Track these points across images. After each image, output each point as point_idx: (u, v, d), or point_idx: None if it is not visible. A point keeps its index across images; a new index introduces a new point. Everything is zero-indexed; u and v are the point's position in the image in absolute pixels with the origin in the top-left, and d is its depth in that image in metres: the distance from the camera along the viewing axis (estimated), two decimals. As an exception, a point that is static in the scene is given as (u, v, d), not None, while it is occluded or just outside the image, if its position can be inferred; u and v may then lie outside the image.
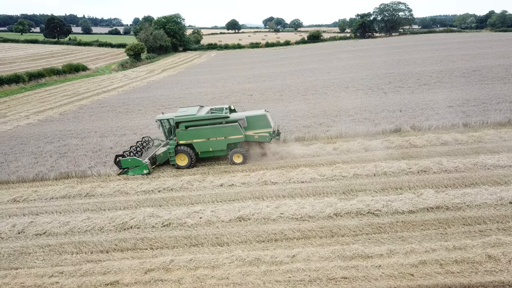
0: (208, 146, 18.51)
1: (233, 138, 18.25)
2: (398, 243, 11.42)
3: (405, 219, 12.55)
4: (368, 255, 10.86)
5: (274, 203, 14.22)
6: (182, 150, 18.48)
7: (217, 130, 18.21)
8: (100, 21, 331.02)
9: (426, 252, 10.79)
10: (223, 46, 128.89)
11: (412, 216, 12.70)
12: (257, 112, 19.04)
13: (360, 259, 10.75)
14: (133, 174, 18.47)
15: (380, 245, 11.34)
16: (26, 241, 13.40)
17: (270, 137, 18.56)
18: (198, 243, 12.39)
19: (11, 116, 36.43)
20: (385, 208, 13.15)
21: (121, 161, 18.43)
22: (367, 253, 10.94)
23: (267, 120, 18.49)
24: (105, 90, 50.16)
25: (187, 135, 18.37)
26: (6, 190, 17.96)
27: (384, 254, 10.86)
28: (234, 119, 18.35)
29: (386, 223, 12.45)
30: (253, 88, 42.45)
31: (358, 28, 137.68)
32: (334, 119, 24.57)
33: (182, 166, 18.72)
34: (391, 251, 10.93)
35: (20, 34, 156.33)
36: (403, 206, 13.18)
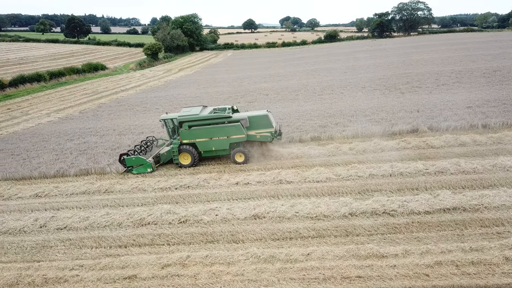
0: (210, 145, 18.83)
1: (235, 137, 18.54)
2: (413, 243, 11.39)
3: (421, 220, 12.49)
4: (383, 255, 10.86)
5: (289, 202, 14.32)
6: (185, 149, 18.81)
7: (219, 130, 18.51)
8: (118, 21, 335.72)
9: (442, 253, 10.73)
10: (239, 46, 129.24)
11: (428, 217, 12.63)
12: (259, 112, 19.31)
13: (375, 259, 10.77)
14: (137, 172, 18.83)
15: (395, 245, 11.32)
16: (47, 235, 13.81)
17: (272, 137, 18.81)
18: (214, 240, 12.58)
19: (33, 114, 37.39)
20: (401, 209, 13.11)
21: (125, 160, 18.78)
22: (382, 252, 10.94)
23: (268, 120, 18.73)
24: (123, 89, 50.96)
25: (190, 134, 18.71)
26: (29, 186, 18.50)
27: (399, 254, 10.85)
28: (236, 119, 18.61)
29: (402, 223, 12.42)
30: (269, 87, 42.55)
31: (376, 28, 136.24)
32: (350, 119, 24.50)
33: (185, 165, 19.05)
34: (406, 251, 10.91)
35: (42, 34, 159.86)
36: (419, 206, 13.11)
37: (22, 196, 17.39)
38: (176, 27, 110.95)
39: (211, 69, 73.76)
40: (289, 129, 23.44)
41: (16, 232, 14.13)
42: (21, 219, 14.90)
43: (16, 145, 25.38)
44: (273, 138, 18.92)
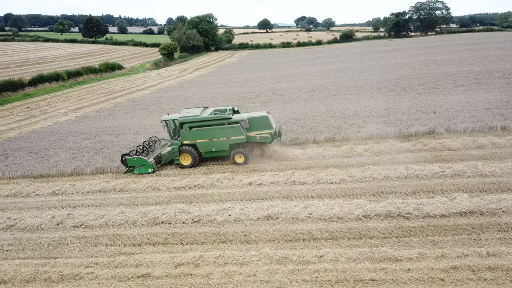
0: (211, 146, 18.97)
1: (235, 138, 18.66)
2: (428, 247, 11.22)
3: (436, 223, 12.30)
4: (397, 258, 10.73)
5: (302, 203, 14.27)
6: (186, 150, 18.99)
7: (219, 131, 18.67)
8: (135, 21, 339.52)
9: (458, 257, 10.55)
10: (254, 46, 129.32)
11: (444, 221, 12.43)
12: (259, 114, 19.43)
13: (389, 262, 10.65)
14: (138, 172, 19.04)
15: (410, 249, 11.18)
16: (64, 232, 14.06)
17: (272, 138, 18.86)
18: (227, 240, 12.62)
19: (51, 113, 38.10)
20: (416, 211, 12.93)
21: (127, 160, 19.01)
22: (396, 256, 10.81)
23: (268, 121, 18.82)
24: (139, 89, 51.53)
25: (191, 135, 18.86)
26: (47, 183, 18.86)
27: (414, 257, 10.70)
28: (236, 120, 18.70)
29: (417, 226, 12.25)
30: (283, 87, 42.47)
31: (393, 27, 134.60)
32: (365, 120, 24.27)
33: (186, 166, 19.21)
34: (421, 255, 10.76)
35: (60, 34, 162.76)
36: (435, 209, 12.91)
37: (40, 193, 17.73)
38: (192, 27, 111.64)
39: (226, 69, 73.99)
40: (303, 129, 23.36)
41: (34, 229, 14.41)
42: (39, 216, 15.19)
43: (35, 144, 25.90)
44: (273, 139, 18.97)
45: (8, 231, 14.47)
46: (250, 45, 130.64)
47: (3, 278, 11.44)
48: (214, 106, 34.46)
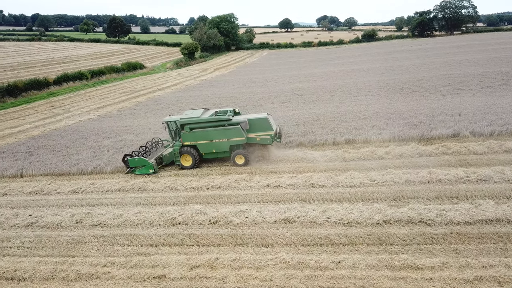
0: (211, 147, 19.07)
1: (235, 140, 18.73)
2: (451, 255, 10.80)
3: (460, 231, 11.84)
4: (418, 267, 10.37)
5: (320, 207, 14.00)
6: (187, 151, 19.11)
7: (220, 132, 18.75)
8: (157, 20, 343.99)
9: (482, 267, 10.10)
10: (275, 45, 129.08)
11: (468, 228, 11.96)
12: (259, 115, 19.55)
13: (410, 270, 10.29)
14: (139, 173, 19.15)
15: (432, 257, 10.78)
16: (83, 230, 14.21)
17: (272, 140, 18.84)
18: (243, 243, 12.48)
19: (74, 111, 38.85)
20: (439, 218, 12.49)
21: (128, 161, 19.15)
22: (417, 264, 10.45)
23: (268, 123, 18.87)
24: (160, 88, 52.04)
25: (191, 136, 18.98)
26: (67, 181, 19.16)
27: (435, 266, 10.32)
28: (236, 122, 18.78)
29: (439, 233, 11.82)
30: (303, 88, 42.12)
31: (417, 27, 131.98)
32: (387, 122, 23.73)
33: (187, 167, 19.36)
34: (443, 264, 10.36)
35: (85, 33, 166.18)
36: (458, 216, 12.44)
37: (60, 191, 18.02)
38: (213, 27, 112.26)
39: (246, 68, 74.03)
40: (323, 131, 23.03)
41: (54, 227, 14.62)
42: (59, 214, 15.41)
43: (57, 142, 26.41)
44: (273, 141, 18.96)
45: (29, 228, 14.73)
46: (270, 44, 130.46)
47: (22, 276, 11.62)
48: (233, 106, 34.42)
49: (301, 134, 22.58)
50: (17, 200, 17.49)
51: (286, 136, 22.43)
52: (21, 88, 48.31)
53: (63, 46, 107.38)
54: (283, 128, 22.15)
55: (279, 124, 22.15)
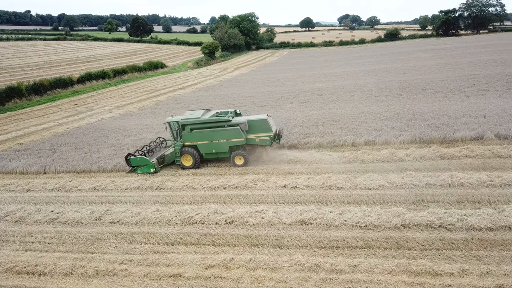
0: (211, 148, 19.32)
1: (235, 141, 18.94)
2: (472, 262, 10.50)
3: (482, 237, 11.49)
4: (437, 273, 10.12)
5: (338, 209, 13.84)
6: (187, 151, 19.37)
7: (219, 133, 19.01)
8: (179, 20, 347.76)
9: (505, 275, 9.78)
10: (295, 45, 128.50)
11: (490, 234, 11.59)
12: (259, 117, 19.81)
13: (428, 276, 10.06)
14: (141, 172, 19.48)
15: (451, 263, 10.51)
16: (102, 227, 14.46)
17: (271, 141, 18.99)
18: (259, 244, 12.44)
19: (96, 110, 39.64)
20: (460, 223, 12.15)
21: (130, 160, 19.48)
22: (436, 270, 10.20)
23: (267, 124, 19.00)
24: (181, 87, 52.54)
25: (192, 137, 19.24)
26: (88, 179, 19.55)
27: (455, 273, 10.04)
28: (236, 123, 18.97)
29: (460, 239, 11.50)
30: (323, 87, 41.77)
31: (441, 25, 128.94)
32: (408, 123, 23.27)
33: (187, 166, 19.60)
34: (463, 271, 10.07)
35: (109, 33, 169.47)
36: (480, 222, 12.07)
37: (81, 188, 18.40)
38: (234, 26, 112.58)
39: (266, 68, 73.97)
40: (342, 131, 22.77)
41: (74, 223, 14.94)
42: (79, 211, 15.74)
43: (80, 139, 26.99)
44: (272, 142, 19.11)
45: (50, 224, 15.09)
46: (291, 44, 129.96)
47: (43, 271, 11.91)
48: (252, 106, 34.51)
49: (320, 135, 22.38)
50: (40, 196, 17.95)
51: (304, 137, 22.31)
52: (46, 87, 49.62)
53: (87, 46, 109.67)
54: (283, 129, 22.17)
55: (279, 125, 22.09)
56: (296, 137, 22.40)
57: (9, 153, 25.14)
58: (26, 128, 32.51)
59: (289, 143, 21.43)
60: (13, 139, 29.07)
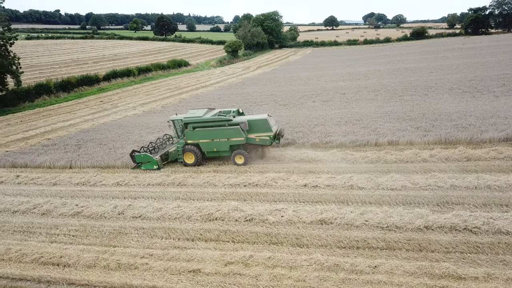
0: (212, 146, 19.61)
1: (235, 140, 19.17)
2: (498, 267, 10.18)
3: (509, 241, 11.12)
4: (461, 276, 9.86)
5: (359, 209, 13.66)
6: (189, 149, 19.70)
7: (220, 132, 19.26)
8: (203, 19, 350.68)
9: (533, 281, 9.44)
10: (319, 43, 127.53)
11: (518, 239, 11.21)
12: (259, 117, 19.93)
13: (451, 280, 9.81)
14: (145, 168, 19.98)
15: (476, 267, 10.22)
16: (124, 222, 14.74)
17: (271, 141, 19.18)
18: (278, 242, 12.42)
19: (121, 107, 40.41)
20: (486, 226, 11.79)
21: (135, 156, 20.01)
22: (459, 273, 9.94)
23: (268, 124, 19.16)
24: (203, 86, 52.93)
25: (194, 135, 19.55)
26: (112, 174, 19.95)
27: (480, 277, 9.76)
28: (236, 122, 19.14)
29: (485, 243, 11.16)
30: (346, 86, 41.28)
31: (470, 24, 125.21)
32: (433, 123, 22.72)
33: (189, 164, 19.93)
34: (488, 275, 9.79)
35: (134, 32, 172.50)
36: (508, 225, 11.68)
37: (105, 183, 18.79)
38: (257, 25, 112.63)
39: (288, 66, 73.69)
40: (365, 131, 22.45)
41: (98, 217, 15.28)
42: (103, 205, 16.09)
43: (105, 136, 27.57)
44: (272, 142, 19.27)
45: (75, 217, 15.49)
46: (314, 42, 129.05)
47: (67, 262, 12.24)
48: (273, 104, 34.47)
49: (342, 134, 22.13)
50: (65, 190, 18.44)
51: (326, 136, 22.11)
52: (73, 84, 50.99)
53: (113, 44, 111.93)
54: (285, 129, 22.23)
55: (280, 125, 22.18)
56: (317, 136, 22.22)
57: (38, 147, 25.94)
58: (53, 124, 33.47)
59: (311, 142, 21.28)
60: (41, 135, 29.98)
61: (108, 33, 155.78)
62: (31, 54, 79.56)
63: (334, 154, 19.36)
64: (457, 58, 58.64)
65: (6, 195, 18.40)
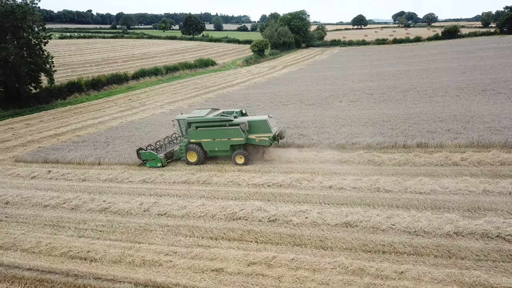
0: (214, 145, 20.03)
1: (235, 140, 19.50)
2: (533, 277, 9.70)
3: (545, 251, 10.60)
4: (493, 286, 9.48)
5: (385, 213, 13.35)
6: (192, 148, 20.18)
7: (221, 132, 19.61)
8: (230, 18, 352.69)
9: None
10: (346, 43, 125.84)
11: (556, 248, 10.66)
12: (259, 118, 20.23)
13: (482, 289, 9.43)
14: (149, 166, 20.59)
15: (509, 277, 9.79)
16: (149, 219, 14.94)
17: (270, 142, 19.39)
18: (302, 243, 12.29)
19: (148, 105, 41.10)
20: (520, 234, 11.28)
21: (140, 154, 20.63)
22: (491, 283, 9.55)
23: (267, 125, 19.38)
24: (229, 85, 53.17)
25: (197, 134, 19.96)
26: (139, 171, 20.28)
27: (513, 288, 9.34)
28: (236, 123, 19.46)
29: (520, 251, 10.67)
30: (374, 86, 40.53)
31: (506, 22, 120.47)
32: (465, 126, 21.95)
33: (192, 162, 20.46)
34: (523, 286, 9.34)
35: (163, 31, 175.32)
36: (544, 234, 11.14)
37: (132, 180, 19.13)
38: (284, 24, 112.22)
39: (315, 66, 73.08)
40: (393, 133, 21.93)
41: (124, 213, 15.56)
42: (129, 202, 16.37)
43: (132, 133, 28.09)
44: (271, 143, 19.51)
45: (103, 213, 15.83)
46: (342, 42, 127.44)
47: (94, 257, 12.51)
48: (299, 104, 34.24)
49: (369, 135, 21.71)
50: (94, 186, 18.89)
51: (352, 136, 21.75)
52: (103, 82, 52.29)
53: (142, 43, 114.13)
54: (285, 131, 22.22)
55: (281, 127, 22.19)
56: (344, 137, 21.88)
57: (68, 144, 26.70)
58: (84, 121, 34.40)
59: (337, 142, 20.98)
60: (72, 131, 30.86)
61: (137, 33, 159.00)
62: (64, 53, 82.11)
63: (360, 155, 19.02)
64: (492, 58, 56.56)
65: (38, 189, 19.01)
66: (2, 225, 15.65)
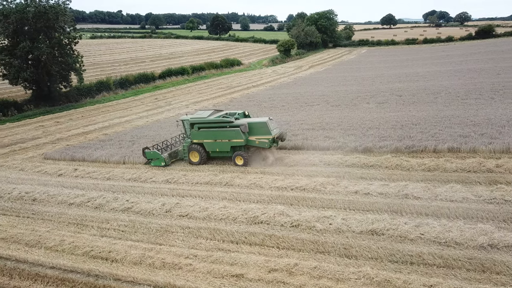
0: (215, 146, 20.34)
1: (235, 141, 19.74)
2: None
3: None
4: (531, 305, 8.80)
5: (414, 221, 12.74)
6: (195, 148, 20.59)
7: (222, 133, 19.95)
8: (257, 18, 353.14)
9: None
10: (375, 43, 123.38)
11: None
12: (259, 119, 20.39)
13: (520, 308, 8.78)
14: (154, 165, 21.06)
15: (550, 296, 9.08)
16: (171, 220, 14.86)
17: (269, 144, 19.52)
18: (325, 251, 11.88)
19: (174, 104, 41.42)
20: (562, 249, 10.50)
21: (146, 153, 21.14)
22: (530, 302, 8.88)
23: (267, 127, 19.48)
24: (255, 85, 52.99)
25: (199, 135, 20.34)
26: (162, 171, 20.31)
27: (555, 308, 8.65)
28: (237, 124, 19.66)
29: (562, 268, 9.92)
30: (403, 88, 39.37)
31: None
32: (500, 130, 20.87)
33: (194, 163, 20.83)
34: None
35: (190, 31, 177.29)
36: None
37: (155, 180, 19.16)
38: (311, 24, 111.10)
39: (342, 66, 71.96)
40: (423, 136, 21.09)
41: (146, 214, 15.54)
42: (152, 202, 16.35)
43: (157, 133, 28.27)
44: (271, 145, 19.63)
45: (125, 213, 15.87)
46: (370, 41, 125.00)
47: (115, 257, 12.49)
48: (325, 105, 33.67)
49: (397, 139, 20.97)
50: (118, 185, 19.03)
51: (380, 140, 21.07)
52: (131, 81, 53.20)
53: (169, 43, 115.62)
54: (286, 133, 21.87)
55: (282, 129, 22.01)
56: (371, 140, 21.23)
57: (95, 142, 27.14)
58: (111, 120, 34.97)
59: (363, 146, 20.36)
60: (99, 130, 31.38)
61: (165, 33, 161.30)
62: (94, 53, 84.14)
63: (388, 159, 18.37)
64: (529, 59, 54.06)
65: (64, 187, 19.32)
66: (29, 222, 15.95)
